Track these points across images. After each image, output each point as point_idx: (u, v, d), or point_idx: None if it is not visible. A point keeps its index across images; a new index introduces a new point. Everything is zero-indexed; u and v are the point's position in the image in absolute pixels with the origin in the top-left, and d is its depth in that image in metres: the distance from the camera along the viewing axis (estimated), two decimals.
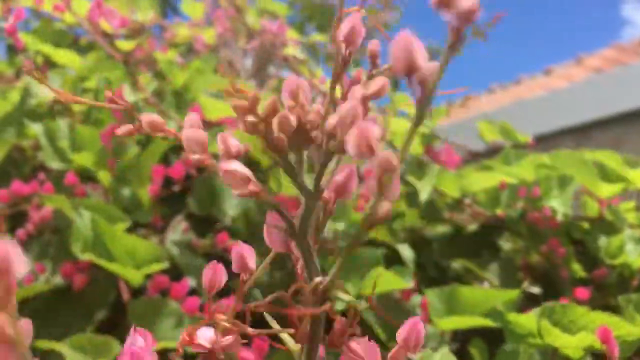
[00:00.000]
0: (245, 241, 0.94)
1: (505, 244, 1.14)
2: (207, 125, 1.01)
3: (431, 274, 1.13)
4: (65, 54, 1.27)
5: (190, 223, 1.10)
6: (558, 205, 1.04)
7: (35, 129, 1.04)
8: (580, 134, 3.52)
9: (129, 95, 0.97)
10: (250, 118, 0.27)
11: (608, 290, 1.04)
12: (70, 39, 1.40)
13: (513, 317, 0.73)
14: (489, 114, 4.08)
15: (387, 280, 0.85)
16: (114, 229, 0.81)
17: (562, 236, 1.04)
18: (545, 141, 3.63)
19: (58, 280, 0.85)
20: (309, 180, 0.29)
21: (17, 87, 1.16)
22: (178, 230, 1.06)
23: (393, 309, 0.94)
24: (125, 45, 1.09)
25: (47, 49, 1.31)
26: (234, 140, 0.29)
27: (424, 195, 0.97)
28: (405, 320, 0.93)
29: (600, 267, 1.02)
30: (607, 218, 1.01)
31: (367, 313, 0.91)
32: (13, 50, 1.35)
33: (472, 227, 1.14)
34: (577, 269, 1.02)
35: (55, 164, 1.00)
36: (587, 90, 3.45)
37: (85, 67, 1.25)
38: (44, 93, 1.16)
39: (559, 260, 1.02)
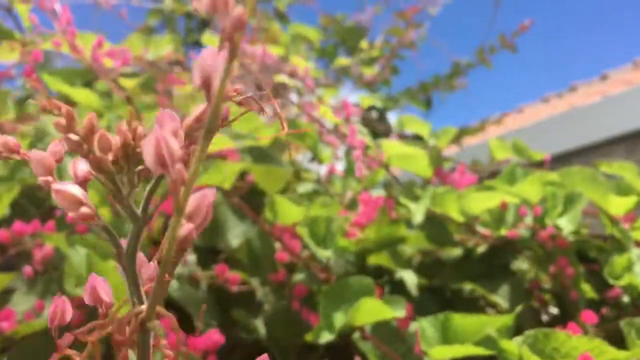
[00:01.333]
0: (247, 271, 0.94)
1: (517, 265, 1.10)
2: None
3: (447, 296, 1.11)
4: (84, 93, 1.32)
5: (196, 255, 1.12)
6: (565, 223, 1.01)
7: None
8: (632, 140, 3.40)
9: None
10: (71, 136, 0.27)
11: (624, 311, 1.00)
12: (89, 79, 1.46)
13: (505, 343, 0.70)
14: (542, 123, 3.99)
15: (377, 310, 0.84)
16: (107, 264, 0.83)
17: (572, 256, 1.00)
18: (595, 150, 3.52)
19: None
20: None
21: (33, 125, 1.21)
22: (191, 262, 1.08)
23: (391, 338, 0.92)
24: (127, 82, 1.12)
25: (67, 88, 1.36)
26: (83, 165, 0.29)
27: (418, 217, 0.95)
28: (403, 349, 0.91)
29: (614, 288, 0.98)
30: (615, 236, 0.97)
31: (363, 343, 0.90)
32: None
33: (482, 249, 1.11)
34: (587, 290, 0.98)
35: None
36: None
37: (102, 106, 1.30)
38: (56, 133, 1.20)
39: (567, 280, 0.98)
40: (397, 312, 0.86)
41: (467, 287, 1.10)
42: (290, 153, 1.29)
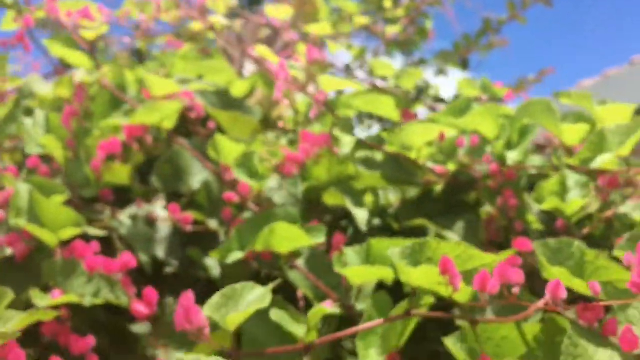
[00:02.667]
0: (206, 212, 0.98)
1: (475, 202, 1.09)
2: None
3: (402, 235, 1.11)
4: (76, 55, 1.39)
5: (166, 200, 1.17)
6: (514, 155, 0.98)
7: (25, 122, 1.15)
8: None
9: (88, 77, 1.05)
10: None
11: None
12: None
13: (400, 265, 0.71)
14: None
15: (294, 236, 0.85)
16: (43, 198, 0.89)
17: (519, 187, 0.98)
18: None
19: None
20: None
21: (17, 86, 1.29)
22: (158, 205, 1.13)
23: (324, 270, 0.93)
24: (88, 34, 1.18)
25: (63, 51, 1.44)
26: None
27: (346, 148, 0.96)
28: (336, 281, 0.93)
29: (560, 219, 0.95)
30: (554, 163, 0.93)
31: (293, 273, 0.92)
32: None
33: (438, 187, 1.10)
34: (533, 221, 0.96)
35: (32, 150, 1.11)
36: None
37: (93, 66, 1.37)
38: (41, 90, 1.28)
39: (512, 212, 0.96)
40: (316, 239, 0.87)
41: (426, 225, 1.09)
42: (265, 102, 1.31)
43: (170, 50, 1.48)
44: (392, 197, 1.18)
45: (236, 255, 0.82)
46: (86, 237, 0.93)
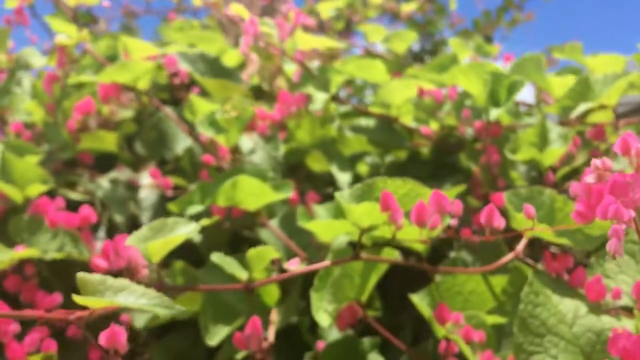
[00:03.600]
0: (189, 177, 0.97)
1: (464, 162, 1.04)
2: None
3: None
4: (64, 25, 1.40)
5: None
6: (498, 111, 0.94)
7: (15, 91, 1.16)
8: None
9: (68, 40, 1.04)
10: None
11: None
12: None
13: (344, 204, 0.68)
14: None
15: (259, 191, 0.83)
16: (14, 158, 0.89)
17: (503, 144, 0.94)
18: None
19: None
20: None
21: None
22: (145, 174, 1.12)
23: (296, 229, 0.91)
24: (71, 1, 1.18)
25: (62, 26, 1.45)
26: None
27: (317, 104, 0.93)
28: (307, 240, 0.90)
29: (548, 173, 0.91)
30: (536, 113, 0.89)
31: (263, 231, 0.90)
32: None
33: (425, 150, 1.06)
34: (516, 177, 0.91)
35: (19, 116, 1.12)
36: None
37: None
38: (35, 62, 1.29)
39: (494, 168, 0.92)
40: (283, 194, 0.85)
41: None
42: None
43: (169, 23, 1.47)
44: (381, 161, 1.14)
45: (195, 208, 0.80)
46: (69, 204, 0.93)
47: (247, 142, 1.03)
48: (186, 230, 0.58)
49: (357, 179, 1.09)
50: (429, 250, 1.07)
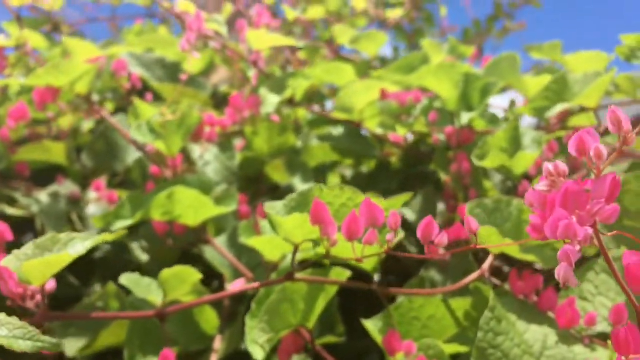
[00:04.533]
0: (140, 188, 0.88)
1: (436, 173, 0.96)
2: None
3: None
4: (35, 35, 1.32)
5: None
6: (471, 116, 0.86)
7: None
8: None
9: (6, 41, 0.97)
10: None
11: None
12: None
13: (273, 217, 0.59)
14: None
15: (199, 204, 0.75)
16: None
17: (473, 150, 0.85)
18: None
19: None
20: None
21: None
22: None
23: (244, 247, 0.82)
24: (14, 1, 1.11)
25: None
26: None
27: (268, 108, 0.84)
28: (257, 260, 0.81)
29: (522, 183, 0.82)
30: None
31: (208, 250, 0.82)
32: None
33: (394, 159, 0.98)
34: (489, 187, 0.83)
35: None
36: None
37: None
38: None
39: (466, 178, 0.83)
40: (226, 208, 0.77)
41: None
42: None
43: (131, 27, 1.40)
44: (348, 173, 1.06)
45: (123, 223, 0.72)
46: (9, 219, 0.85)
47: (200, 151, 0.95)
48: (77, 249, 0.49)
49: None
50: (401, 270, 0.98)
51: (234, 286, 0.74)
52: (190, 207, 0.74)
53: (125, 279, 0.57)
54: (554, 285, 0.61)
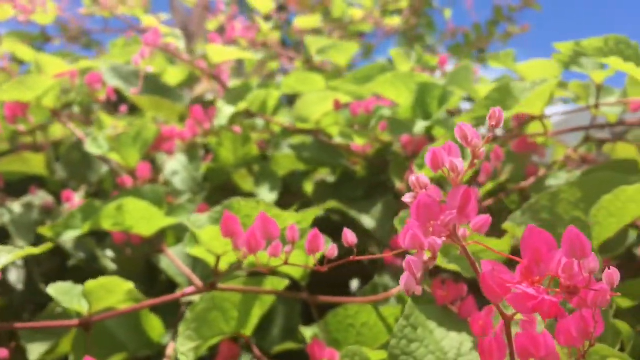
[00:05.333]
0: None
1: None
2: None
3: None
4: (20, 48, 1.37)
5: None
6: (426, 125, 0.87)
7: None
8: None
9: None
10: None
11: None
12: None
13: (192, 229, 0.61)
14: None
15: (147, 214, 0.77)
16: None
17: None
18: None
19: None
20: None
21: None
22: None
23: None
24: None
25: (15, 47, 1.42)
26: None
27: (221, 120, 0.86)
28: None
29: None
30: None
31: (163, 259, 0.84)
32: None
33: (358, 168, 0.99)
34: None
35: None
36: None
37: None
38: None
39: None
40: (178, 219, 0.79)
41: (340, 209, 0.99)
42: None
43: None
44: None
45: (72, 233, 0.74)
46: None
47: (170, 163, 0.97)
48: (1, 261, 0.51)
49: (305, 198, 1.03)
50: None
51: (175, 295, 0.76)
52: (141, 218, 0.76)
53: (53, 288, 0.59)
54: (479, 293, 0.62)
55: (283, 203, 0.78)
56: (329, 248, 0.46)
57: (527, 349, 0.42)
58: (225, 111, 0.87)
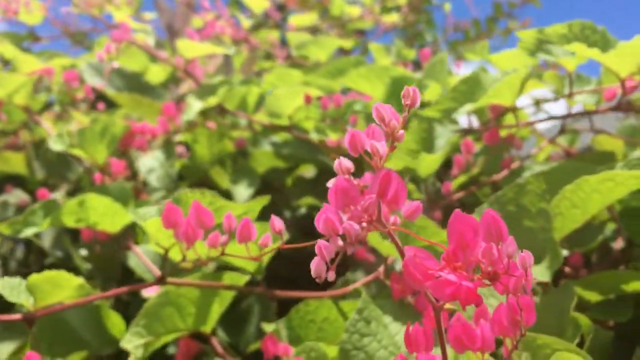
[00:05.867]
0: None
1: None
2: None
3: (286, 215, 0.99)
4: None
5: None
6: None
7: None
8: None
9: None
10: None
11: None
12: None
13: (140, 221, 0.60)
14: None
15: (115, 213, 0.76)
16: None
17: None
18: None
19: None
20: None
21: None
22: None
23: None
24: None
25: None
26: None
27: (189, 114, 0.85)
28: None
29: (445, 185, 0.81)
30: None
31: (132, 257, 0.83)
32: None
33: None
34: (411, 189, 0.82)
35: None
36: None
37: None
38: None
39: None
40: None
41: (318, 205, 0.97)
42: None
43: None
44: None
45: (31, 230, 0.73)
46: None
47: (146, 160, 0.97)
48: None
49: (286, 194, 1.02)
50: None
51: (148, 292, 0.75)
52: (105, 214, 0.75)
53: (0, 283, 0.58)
54: None
55: None
56: (262, 237, 0.44)
57: (461, 340, 0.40)
58: (194, 106, 0.86)
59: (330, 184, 0.38)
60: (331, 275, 0.34)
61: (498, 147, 0.85)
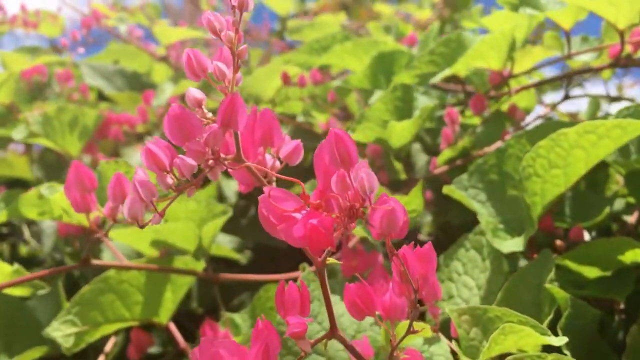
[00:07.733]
0: None
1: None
2: None
3: None
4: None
5: None
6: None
7: None
8: None
9: None
10: None
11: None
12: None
13: None
14: None
15: None
16: None
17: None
18: None
19: None
20: None
21: None
22: None
23: None
24: None
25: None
26: None
27: (160, 99, 0.81)
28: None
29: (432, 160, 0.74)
30: None
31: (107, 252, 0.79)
32: None
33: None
34: (399, 169, 0.75)
35: None
36: None
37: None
38: None
39: (379, 160, 0.76)
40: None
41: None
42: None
43: None
44: None
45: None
46: None
47: (134, 154, 0.93)
48: None
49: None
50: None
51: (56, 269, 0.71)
52: (70, 207, 0.72)
53: None
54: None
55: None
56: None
57: (357, 305, 0.33)
58: (167, 91, 0.82)
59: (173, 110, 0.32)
60: (157, 219, 0.29)
61: (498, 118, 0.77)
